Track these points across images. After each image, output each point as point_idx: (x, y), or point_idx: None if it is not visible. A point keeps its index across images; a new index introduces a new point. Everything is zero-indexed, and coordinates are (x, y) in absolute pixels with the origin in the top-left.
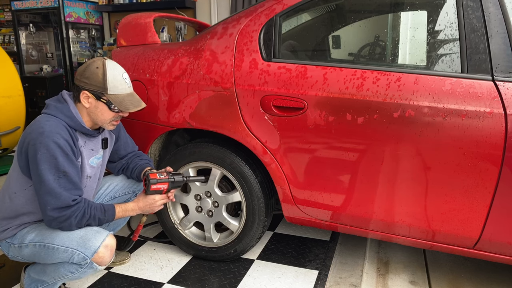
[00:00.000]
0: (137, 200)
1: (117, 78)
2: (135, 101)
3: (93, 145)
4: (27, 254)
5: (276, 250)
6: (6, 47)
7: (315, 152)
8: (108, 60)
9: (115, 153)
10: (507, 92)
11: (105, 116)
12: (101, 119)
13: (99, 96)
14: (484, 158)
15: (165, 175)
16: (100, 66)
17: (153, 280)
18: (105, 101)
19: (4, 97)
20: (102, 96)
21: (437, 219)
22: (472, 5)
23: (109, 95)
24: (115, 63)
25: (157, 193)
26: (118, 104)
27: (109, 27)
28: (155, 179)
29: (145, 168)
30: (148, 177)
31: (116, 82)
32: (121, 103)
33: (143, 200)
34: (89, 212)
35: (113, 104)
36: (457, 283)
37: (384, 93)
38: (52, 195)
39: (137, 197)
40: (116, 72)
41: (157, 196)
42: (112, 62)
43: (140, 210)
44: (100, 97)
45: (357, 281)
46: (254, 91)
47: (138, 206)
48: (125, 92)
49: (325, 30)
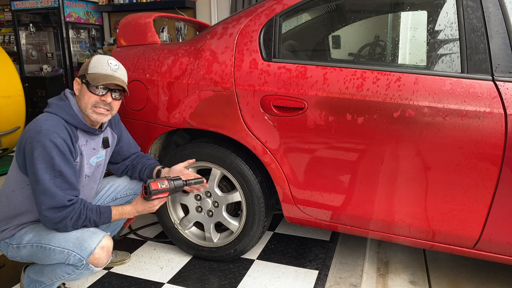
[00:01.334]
0: (135, 203)
1: (101, 60)
2: (109, 78)
3: (95, 144)
4: (25, 255)
5: (276, 250)
6: (6, 47)
7: (315, 152)
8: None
9: (118, 154)
10: (507, 92)
11: (86, 100)
12: (84, 104)
13: (82, 79)
14: (484, 158)
15: (166, 184)
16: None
17: (153, 280)
18: (85, 82)
19: (4, 97)
20: (84, 78)
21: (437, 219)
22: (472, 5)
23: (88, 74)
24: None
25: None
26: (91, 80)
27: (109, 27)
28: (156, 190)
29: (155, 168)
30: (149, 187)
31: (98, 63)
32: (94, 79)
33: (141, 204)
34: (85, 214)
35: (90, 82)
36: (457, 283)
37: (384, 93)
38: (47, 194)
39: (135, 200)
40: (102, 57)
41: (155, 201)
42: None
43: (137, 213)
44: (82, 79)
45: (357, 281)
46: (254, 91)
47: (136, 210)
48: (103, 72)
49: (325, 30)
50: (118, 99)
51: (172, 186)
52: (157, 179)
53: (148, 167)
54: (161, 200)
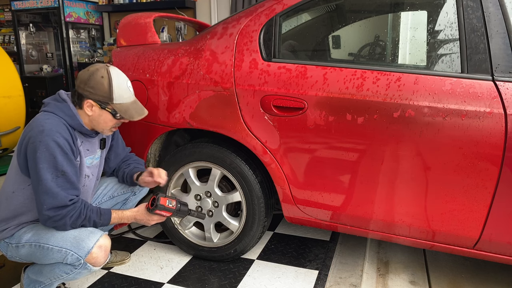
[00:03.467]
0: (137, 211)
1: (122, 87)
2: (139, 109)
3: (89, 146)
4: (24, 254)
5: (276, 250)
6: (6, 47)
7: (315, 152)
8: (111, 67)
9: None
10: (507, 92)
11: (108, 124)
12: (103, 126)
13: (104, 106)
14: (484, 158)
15: (173, 204)
16: (105, 75)
17: (153, 280)
18: (110, 110)
19: (4, 97)
20: (107, 105)
21: (437, 219)
22: (472, 5)
23: (115, 104)
24: (118, 71)
25: (158, 215)
26: (123, 113)
27: (109, 27)
28: (163, 206)
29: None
30: (158, 201)
31: (122, 92)
32: (126, 112)
33: (142, 213)
34: (85, 213)
35: (118, 113)
36: (457, 283)
37: (384, 93)
38: (49, 194)
39: (138, 207)
40: (121, 81)
41: (155, 217)
42: (115, 69)
43: (135, 221)
44: (105, 107)
45: (357, 281)
46: (254, 91)
47: (135, 217)
48: (129, 101)
49: (325, 30)
50: None
51: (177, 208)
52: (168, 197)
53: (128, 172)
54: (160, 218)
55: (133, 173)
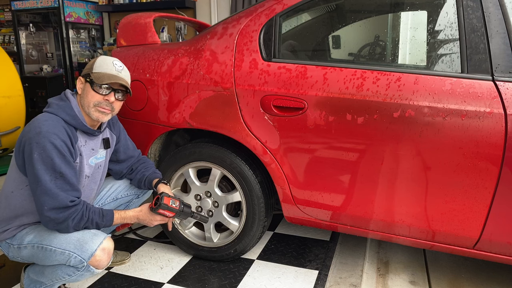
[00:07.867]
0: (140, 211)
1: (106, 61)
2: (113, 77)
3: (94, 145)
4: (26, 255)
5: (276, 250)
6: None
7: (315, 152)
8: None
9: (115, 154)
10: (507, 92)
11: (89, 98)
12: (86, 102)
13: (86, 77)
14: (484, 158)
15: (177, 205)
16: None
17: (153, 280)
18: (89, 80)
19: (4, 97)
20: (88, 76)
21: (437, 219)
22: (472, 5)
23: (93, 73)
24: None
25: (161, 215)
26: (96, 79)
27: (109, 27)
28: (166, 205)
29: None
30: (162, 199)
31: (103, 63)
32: (98, 78)
33: (145, 213)
34: (87, 215)
35: (94, 81)
36: (457, 283)
37: (384, 93)
38: (49, 195)
39: (141, 207)
40: (107, 58)
41: (158, 217)
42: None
43: (138, 221)
44: (86, 78)
45: (357, 281)
46: (254, 91)
47: (138, 217)
48: (108, 72)
49: (325, 30)
50: (120, 100)
51: (180, 209)
52: (171, 197)
53: (147, 179)
54: (163, 218)
55: (152, 178)
